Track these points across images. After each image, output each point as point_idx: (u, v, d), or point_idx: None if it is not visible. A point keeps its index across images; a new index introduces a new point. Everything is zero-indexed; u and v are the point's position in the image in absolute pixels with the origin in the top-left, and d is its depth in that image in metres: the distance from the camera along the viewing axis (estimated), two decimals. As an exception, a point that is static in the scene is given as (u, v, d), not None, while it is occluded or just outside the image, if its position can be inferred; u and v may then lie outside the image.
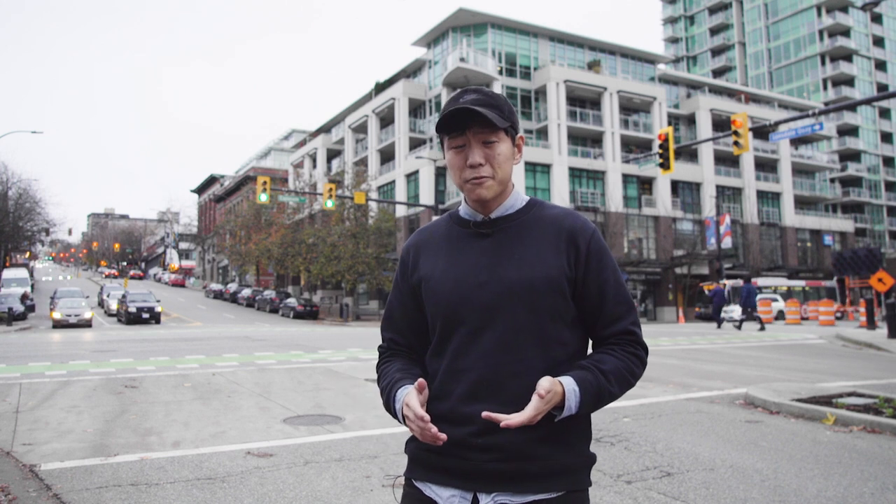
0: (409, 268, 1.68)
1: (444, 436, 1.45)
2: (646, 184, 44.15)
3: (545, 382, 1.43)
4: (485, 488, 1.49)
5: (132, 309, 30.79)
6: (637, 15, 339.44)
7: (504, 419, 1.41)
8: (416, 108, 45.61)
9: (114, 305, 36.88)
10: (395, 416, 1.59)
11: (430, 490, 1.55)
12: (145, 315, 30.79)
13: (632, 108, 45.54)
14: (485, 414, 1.43)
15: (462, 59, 39.64)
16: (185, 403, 7.36)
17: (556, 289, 1.53)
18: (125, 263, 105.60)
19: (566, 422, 1.51)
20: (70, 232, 68.87)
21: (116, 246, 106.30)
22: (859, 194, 69.77)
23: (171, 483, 4.32)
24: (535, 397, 1.42)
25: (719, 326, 23.57)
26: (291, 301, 40.10)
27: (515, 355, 1.51)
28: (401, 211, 43.16)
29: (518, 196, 1.64)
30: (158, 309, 31.63)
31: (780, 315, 32.24)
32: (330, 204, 30.68)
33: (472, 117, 1.53)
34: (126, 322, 30.98)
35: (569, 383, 1.46)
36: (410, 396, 1.48)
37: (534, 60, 43.78)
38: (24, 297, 34.70)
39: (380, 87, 48.54)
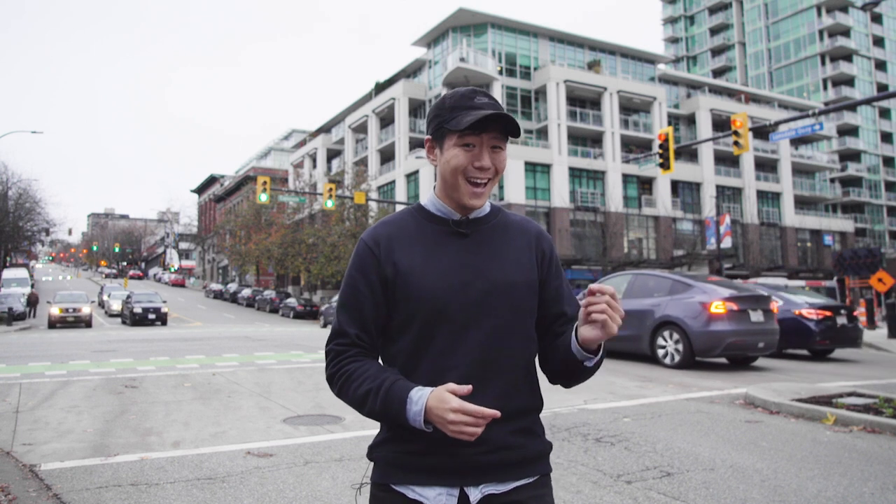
0: (382, 259, 1.57)
1: (496, 412, 1.41)
2: (646, 184, 44.15)
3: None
4: (473, 481, 1.53)
5: (138, 310, 29.52)
6: (637, 15, 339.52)
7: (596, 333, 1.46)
8: (416, 108, 45.60)
9: (114, 306, 36.44)
10: (403, 419, 1.46)
11: (412, 492, 1.53)
12: (151, 316, 29.54)
13: (632, 108, 45.54)
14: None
15: (462, 59, 39.64)
16: (185, 403, 7.35)
17: (533, 290, 1.63)
18: (125, 263, 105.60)
19: (533, 414, 1.62)
20: (70, 232, 68.61)
21: (116, 246, 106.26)
22: (859, 194, 69.78)
23: (171, 483, 4.32)
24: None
25: None
26: (291, 301, 40.02)
27: (500, 352, 1.56)
28: (401, 211, 43.11)
29: None
30: (165, 310, 30.28)
31: None
32: (330, 204, 30.66)
33: (498, 123, 1.54)
34: (131, 324, 29.75)
35: None
36: (451, 399, 1.40)
37: (534, 60, 43.77)
38: (31, 298, 34.51)
39: (380, 87, 48.55)
